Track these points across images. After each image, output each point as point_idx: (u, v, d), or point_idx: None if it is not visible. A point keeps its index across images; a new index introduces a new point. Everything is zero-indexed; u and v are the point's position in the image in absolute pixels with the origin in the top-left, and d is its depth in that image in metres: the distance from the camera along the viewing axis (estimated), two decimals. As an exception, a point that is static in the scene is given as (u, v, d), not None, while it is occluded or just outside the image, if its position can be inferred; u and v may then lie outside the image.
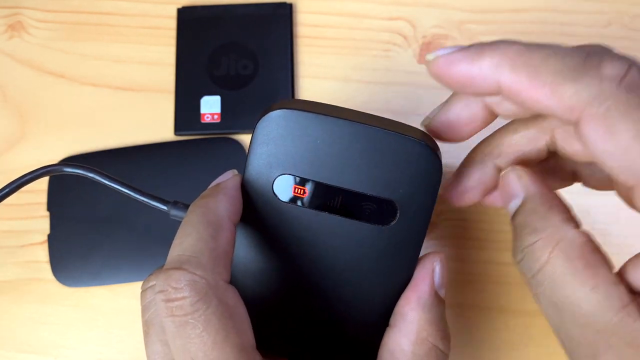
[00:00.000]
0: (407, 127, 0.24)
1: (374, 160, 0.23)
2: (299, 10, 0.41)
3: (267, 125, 0.24)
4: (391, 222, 0.24)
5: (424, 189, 0.24)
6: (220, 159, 0.38)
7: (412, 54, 0.40)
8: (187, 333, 0.21)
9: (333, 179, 0.24)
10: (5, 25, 0.41)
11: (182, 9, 0.41)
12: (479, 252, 0.37)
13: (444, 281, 0.25)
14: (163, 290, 0.21)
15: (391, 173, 0.24)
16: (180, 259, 0.22)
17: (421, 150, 0.23)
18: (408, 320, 0.24)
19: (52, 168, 0.31)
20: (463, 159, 0.27)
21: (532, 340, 0.35)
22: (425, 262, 0.25)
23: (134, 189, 0.29)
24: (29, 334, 0.37)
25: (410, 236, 0.24)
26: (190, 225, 0.23)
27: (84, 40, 0.41)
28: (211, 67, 0.40)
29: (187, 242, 0.22)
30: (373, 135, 0.23)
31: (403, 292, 0.25)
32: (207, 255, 0.22)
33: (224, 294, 0.22)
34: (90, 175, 0.29)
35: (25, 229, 0.38)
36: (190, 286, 0.21)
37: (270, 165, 0.24)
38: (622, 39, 0.39)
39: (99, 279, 0.37)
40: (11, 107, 0.40)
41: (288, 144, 0.24)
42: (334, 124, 0.23)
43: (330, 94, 0.39)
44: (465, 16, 0.40)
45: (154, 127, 0.39)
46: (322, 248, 0.25)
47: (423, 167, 0.23)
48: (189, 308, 0.21)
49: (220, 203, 0.23)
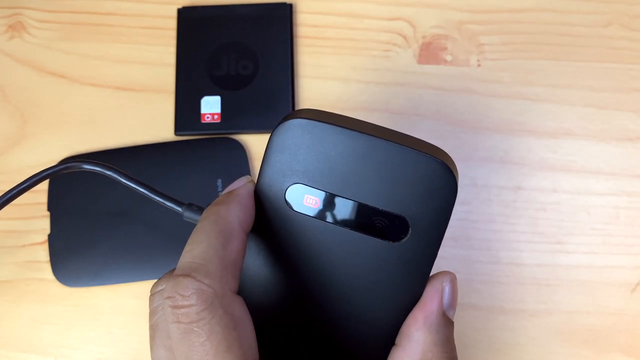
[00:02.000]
0: (424, 143, 0.24)
1: (388, 175, 0.23)
2: (299, 11, 0.41)
3: (283, 133, 0.24)
4: (402, 238, 0.24)
5: (437, 208, 0.23)
6: (220, 159, 0.38)
7: (412, 54, 0.40)
8: (191, 340, 0.21)
9: (346, 192, 0.24)
10: (6, 26, 0.42)
11: (182, 9, 0.41)
12: (478, 252, 0.37)
13: (453, 302, 0.24)
14: (171, 296, 0.21)
15: (405, 189, 0.23)
16: (190, 266, 0.22)
17: (437, 168, 0.23)
18: (414, 341, 0.24)
19: (71, 165, 0.31)
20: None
21: (532, 340, 0.35)
22: (435, 281, 0.24)
23: (151, 189, 0.29)
24: (29, 333, 0.37)
25: (421, 254, 0.24)
26: (202, 233, 0.23)
27: (84, 41, 0.41)
28: (211, 67, 0.40)
29: (197, 249, 0.22)
30: (389, 150, 0.23)
31: (411, 311, 0.25)
32: (216, 264, 0.22)
33: (230, 304, 0.22)
34: (109, 173, 0.30)
35: (26, 229, 0.38)
36: (198, 294, 0.21)
37: (284, 174, 0.24)
38: (622, 39, 0.39)
39: (100, 278, 0.37)
40: (11, 107, 0.40)
41: (302, 153, 0.24)
42: (350, 137, 0.23)
43: (330, 94, 0.39)
44: (465, 16, 0.40)
45: (154, 127, 0.39)
46: (332, 261, 0.25)
47: (438, 185, 0.23)
48: (195, 316, 0.21)
49: (232, 211, 0.23)
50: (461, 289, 0.36)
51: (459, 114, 0.39)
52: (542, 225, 0.37)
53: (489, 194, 0.37)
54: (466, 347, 0.36)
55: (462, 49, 0.39)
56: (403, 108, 0.39)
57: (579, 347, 0.35)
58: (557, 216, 0.37)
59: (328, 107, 0.39)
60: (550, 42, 0.40)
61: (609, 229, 0.37)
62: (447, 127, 0.38)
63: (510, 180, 0.38)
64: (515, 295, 0.36)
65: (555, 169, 0.38)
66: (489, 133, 0.38)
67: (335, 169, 0.24)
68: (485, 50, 0.39)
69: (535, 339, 0.35)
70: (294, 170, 0.24)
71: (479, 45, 0.40)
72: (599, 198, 0.37)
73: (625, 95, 0.39)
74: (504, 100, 0.39)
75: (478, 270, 0.36)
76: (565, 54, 0.39)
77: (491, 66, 0.39)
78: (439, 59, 0.39)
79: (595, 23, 0.40)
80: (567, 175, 0.38)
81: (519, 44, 0.39)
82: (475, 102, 0.39)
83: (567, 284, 0.36)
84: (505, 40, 0.40)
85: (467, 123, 0.38)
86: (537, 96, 0.39)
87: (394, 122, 0.38)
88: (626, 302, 0.36)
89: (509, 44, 0.40)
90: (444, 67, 0.39)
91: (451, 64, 0.39)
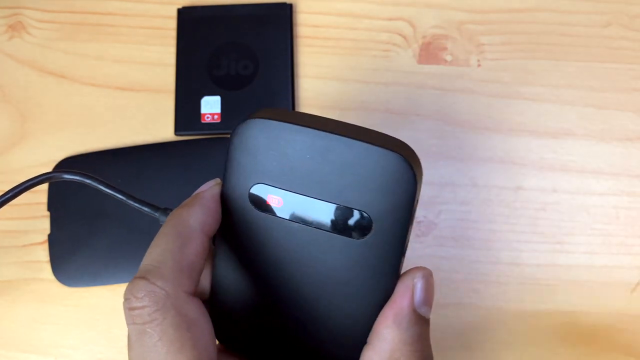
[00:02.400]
0: (387, 138, 0.24)
1: (347, 171, 0.23)
2: (299, 11, 0.41)
3: (242, 134, 0.24)
4: (366, 235, 0.24)
5: (399, 203, 0.23)
6: (220, 159, 0.38)
7: (411, 54, 0.40)
8: (145, 341, 0.21)
9: (307, 190, 0.24)
10: (6, 26, 0.42)
11: (182, 9, 0.41)
12: (478, 252, 0.37)
13: (427, 299, 0.24)
14: (127, 298, 0.22)
15: (365, 185, 0.23)
16: (145, 268, 0.22)
17: (395, 162, 0.23)
18: (383, 339, 0.23)
19: (52, 175, 0.31)
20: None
21: (532, 340, 0.35)
22: (406, 278, 0.24)
23: (128, 195, 0.29)
24: (29, 333, 0.37)
25: (386, 251, 0.24)
26: (162, 236, 0.23)
27: (84, 41, 0.41)
28: (211, 67, 0.40)
29: (154, 252, 0.23)
30: (347, 147, 0.23)
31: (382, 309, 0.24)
32: (170, 266, 0.22)
33: (183, 305, 0.22)
34: (87, 181, 0.30)
35: (25, 229, 0.38)
36: (150, 296, 0.21)
37: (246, 175, 0.24)
38: (622, 39, 0.39)
39: (99, 279, 0.37)
40: (11, 107, 0.40)
41: (263, 153, 0.24)
42: (308, 135, 0.23)
43: (330, 94, 0.39)
44: (465, 16, 0.40)
45: (154, 127, 0.39)
46: (300, 260, 0.25)
47: (397, 180, 0.23)
48: (147, 317, 0.21)
49: (193, 214, 0.24)
50: (461, 289, 0.36)
51: (459, 114, 0.39)
52: (542, 225, 0.37)
53: (489, 194, 0.37)
54: (466, 347, 0.36)
55: (462, 49, 0.39)
56: (403, 108, 0.39)
57: (579, 347, 0.35)
58: (557, 216, 0.37)
59: (328, 107, 0.39)
60: (550, 42, 0.40)
61: (609, 229, 0.37)
62: (447, 127, 0.38)
63: (510, 180, 0.38)
64: (515, 295, 0.36)
65: (555, 169, 0.38)
66: (489, 133, 0.38)
67: (296, 168, 0.23)
68: (485, 50, 0.39)
69: (535, 339, 0.35)
70: (256, 170, 0.24)
71: (479, 45, 0.40)
72: (599, 198, 0.37)
73: (625, 95, 0.39)
74: (504, 100, 0.39)
75: (478, 270, 0.36)
76: (565, 54, 0.39)
77: (491, 66, 0.39)
78: (439, 59, 0.39)
79: (595, 23, 0.40)
80: (567, 175, 0.38)
81: (519, 44, 0.39)
82: (475, 102, 0.39)
83: (567, 284, 0.36)
84: (505, 40, 0.40)
85: (467, 123, 0.38)
86: (537, 96, 0.39)
87: (394, 122, 0.38)
88: (626, 302, 0.36)
89: (509, 44, 0.40)
90: (444, 67, 0.39)
91: (451, 64, 0.39)
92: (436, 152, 0.38)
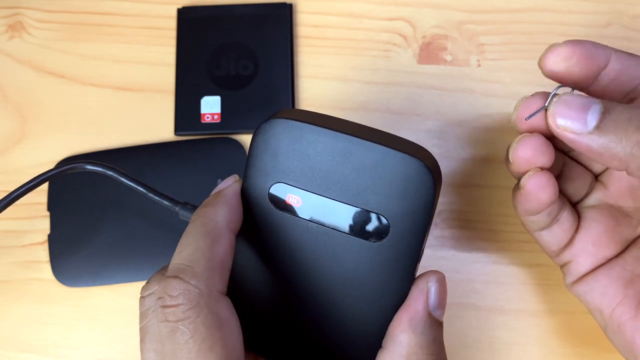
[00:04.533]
0: (406, 143, 0.24)
1: (367, 174, 0.23)
2: (299, 11, 0.41)
3: (265, 133, 0.24)
4: (383, 238, 0.24)
5: (417, 208, 0.23)
6: (220, 159, 0.38)
7: (412, 54, 0.40)
8: (177, 338, 0.22)
9: (326, 191, 0.24)
10: (6, 26, 0.42)
11: (182, 9, 0.41)
12: (478, 252, 0.37)
13: (441, 302, 0.24)
14: (161, 297, 0.22)
15: (384, 188, 0.23)
16: (178, 267, 0.23)
17: (414, 167, 0.23)
18: (398, 343, 0.23)
19: (75, 165, 0.33)
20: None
21: (532, 340, 0.35)
22: (420, 281, 0.24)
23: (149, 188, 0.31)
24: (29, 334, 0.37)
25: (403, 254, 0.24)
26: (191, 235, 0.24)
27: (84, 41, 0.41)
28: (211, 67, 0.40)
29: (186, 251, 0.23)
30: (367, 150, 0.23)
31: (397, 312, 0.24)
32: (203, 266, 0.23)
33: (216, 304, 0.22)
34: (110, 173, 0.31)
35: (25, 229, 0.38)
36: (184, 294, 0.22)
37: (267, 173, 0.24)
38: (622, 39, 0.39)
39: (100, 278, 0.37)
40: (11, 107, 0.40)
41: (284, 153, 0.24)
42: (330, 137, 0.23)
43: (330, 94, 0.39)
44: (465, 16, 0.40)
45: (154, 127, 0.39)
46: (317, 260, 0.25)
47: (415, 184, 0.23)
48: (181, 315, 0.22)
49: (219, 212, 0.24)
50: (461, 289, 0.36)
51: (459, 114, 0.39)
52: (542, 225, 0.37)
53: (490, 194, 0.37)
54: (466, 347, 0.36)
55: (462, 49, 0.39)
56: (403, 108, 0.39)
57: (579, 347, 0.35)
58: (557, 216, 0.37)
59: (328, 107, 0.39)
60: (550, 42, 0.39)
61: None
62: (447, 127, 0.38)
63: (510, 179, 0.38)
64: (515, 295, 0.36)
65: (555, 169, 0.38)
66: (489, 133, 0.38)
67: (316, 169, 0.24)
68: (485, 50, 0.39)
69: (535, 339, 0.35)
70: (276, 170, 0.24)
71: (479, 45, 0.40)
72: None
73: (625, 95, 0.39)
74: (504, 100, 0.39)
75: (478, 270, 0.36)
76: (565, 54, 0.39)
77: (491, 66, 0.39)
78: (439, 59, 0.39)
79: (595, 23, 0.40)
80: (567, 175, 0.38)
81: (519, 44, 0.39)
82: (475, 102, 0.39)
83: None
84: (505, 40, 0.40)
85: (467, 123, 0.38)
86: (537, 96, 0.39)
87: (394, 122, 0.38)
88: (626, 302, 0.36)
89: (509, 44, 0.40)
90: (444, 67, 0.39)
91: (451, 64, 0.39)
92: (436, 152, 0.38)
